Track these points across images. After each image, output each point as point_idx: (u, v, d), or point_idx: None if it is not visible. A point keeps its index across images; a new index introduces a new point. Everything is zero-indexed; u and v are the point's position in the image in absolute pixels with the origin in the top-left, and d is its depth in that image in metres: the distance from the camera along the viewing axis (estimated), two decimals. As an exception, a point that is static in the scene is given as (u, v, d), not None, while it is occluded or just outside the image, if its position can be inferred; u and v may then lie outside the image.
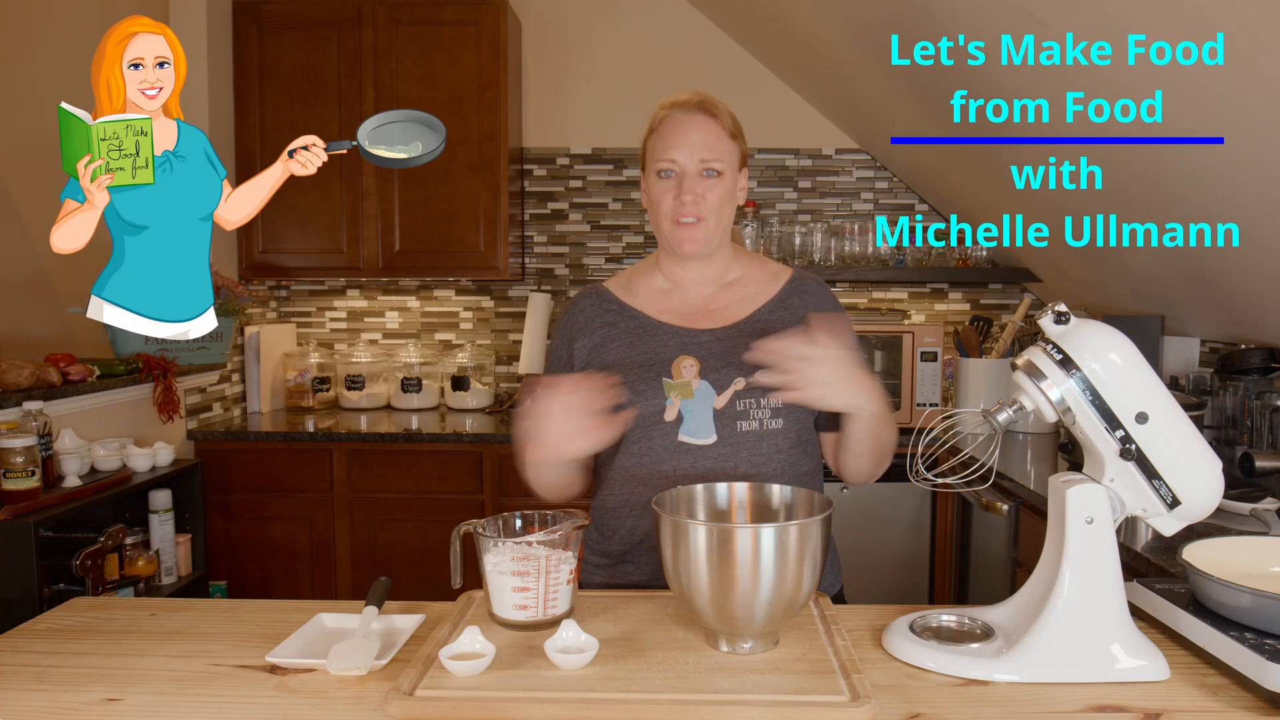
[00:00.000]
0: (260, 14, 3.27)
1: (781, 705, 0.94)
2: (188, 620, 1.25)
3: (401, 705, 0.94)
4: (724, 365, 1.39)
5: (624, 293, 1.50)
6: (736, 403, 1.37)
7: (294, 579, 3.06)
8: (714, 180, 1.40)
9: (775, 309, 1.46)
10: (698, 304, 1.47)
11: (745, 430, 1.37)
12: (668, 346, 1.42)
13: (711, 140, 1.40)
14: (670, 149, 1.40)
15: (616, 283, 1.53)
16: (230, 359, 3.29)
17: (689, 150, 1.39)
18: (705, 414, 1.37)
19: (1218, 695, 1.00)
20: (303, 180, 1.25)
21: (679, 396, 1.38)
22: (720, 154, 1.40)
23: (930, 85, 2.60)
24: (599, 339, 1.46)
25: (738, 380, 1.38)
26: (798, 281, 1.50)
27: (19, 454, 2.07)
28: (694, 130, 1.40)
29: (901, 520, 2.95)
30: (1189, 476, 1.06)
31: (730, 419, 1.37)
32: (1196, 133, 1.77)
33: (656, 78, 3.57)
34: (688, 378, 1.38)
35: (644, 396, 1.38)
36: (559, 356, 1.50)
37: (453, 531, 1.20)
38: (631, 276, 1.53)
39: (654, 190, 1.43)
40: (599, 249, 3.68)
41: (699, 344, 1.41)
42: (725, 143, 1.41)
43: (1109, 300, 2.94)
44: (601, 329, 1.46)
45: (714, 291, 1.48)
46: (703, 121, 1.40)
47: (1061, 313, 1.08)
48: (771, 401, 1.37)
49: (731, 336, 1.42)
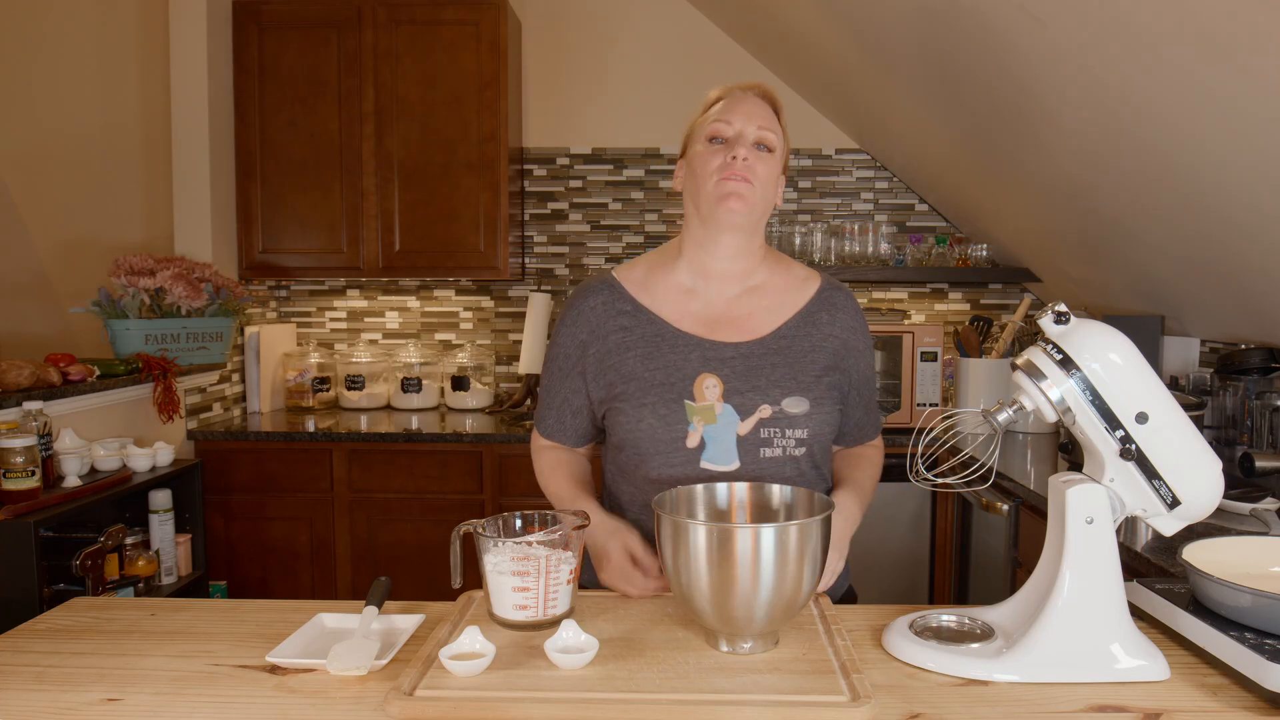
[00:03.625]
0: (260, 14, 3.27)
1: (781, 705, 0.94)
2: (188, 620, 1.25)
3: (401, 705, 0.94)
4: (748, 389, 1.34)
5: (640, 290, 1.42)
6: (760, 430, 1.33)
7: (294, 579, 3.06)
8: (765, 155, 1.35)
9: (802, 323, 1.41)
10: (720, 308, 1.40)
11: (769, 457, 1.34)
12: (689, 361, 1.35)
13: (769, 117, 1.36)
14: (729, 114, 1.34)
15: (631, 276, 1.44)
16: (230, 359, 3.29)
17: (746, 118, 1.34)
18: (728, 440, 1.33)
19: (1218, 695, 1.00)
20: (303, 180, 1.25)
21: (701, 422, 1.33)
22: (775, 131, 1.36)
23: (931, 85, 2.61)
24: (612, 344, 1.39)
25: (763, 408, 1.34)
26: (827, 294, 1.44)
27: (19, 454, 2.07)
28: (754, 105, 1.36)
29: (901, 520, 2.95)
30: (1189, 476, 1.06)
31: (754, 445, 1.33)
32: (1196, 132, 1.77)
33: (656, 78, 3.57)
34: (710, 400, 1.33)
35: (665, 421, 1.33)
36: (567, 356, 1.43)
37: (453, 531, 1.20)
38: (649, 270, 1.44)
39: (701, 156, 1.35)
40: (599, 249, 3.68)
41: (722, 359, 1.36)
42: (778, 128, 1.38)
43: (1109, 300, 2.94)
44: (616, 333, 1.39)
45: (738, 294, 1.41)
46: (760, 103, 1.37)
47: (1061, 313, 1.08)
48: (797, 432, 1.34)
49: (756, 354, 1.37)
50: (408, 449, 3.02)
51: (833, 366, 1.41)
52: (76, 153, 3.58)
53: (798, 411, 1.35)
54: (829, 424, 1.39)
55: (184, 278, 2.84)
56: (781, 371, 1.36)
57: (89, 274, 3.46)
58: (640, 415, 1.34)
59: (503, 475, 3.01)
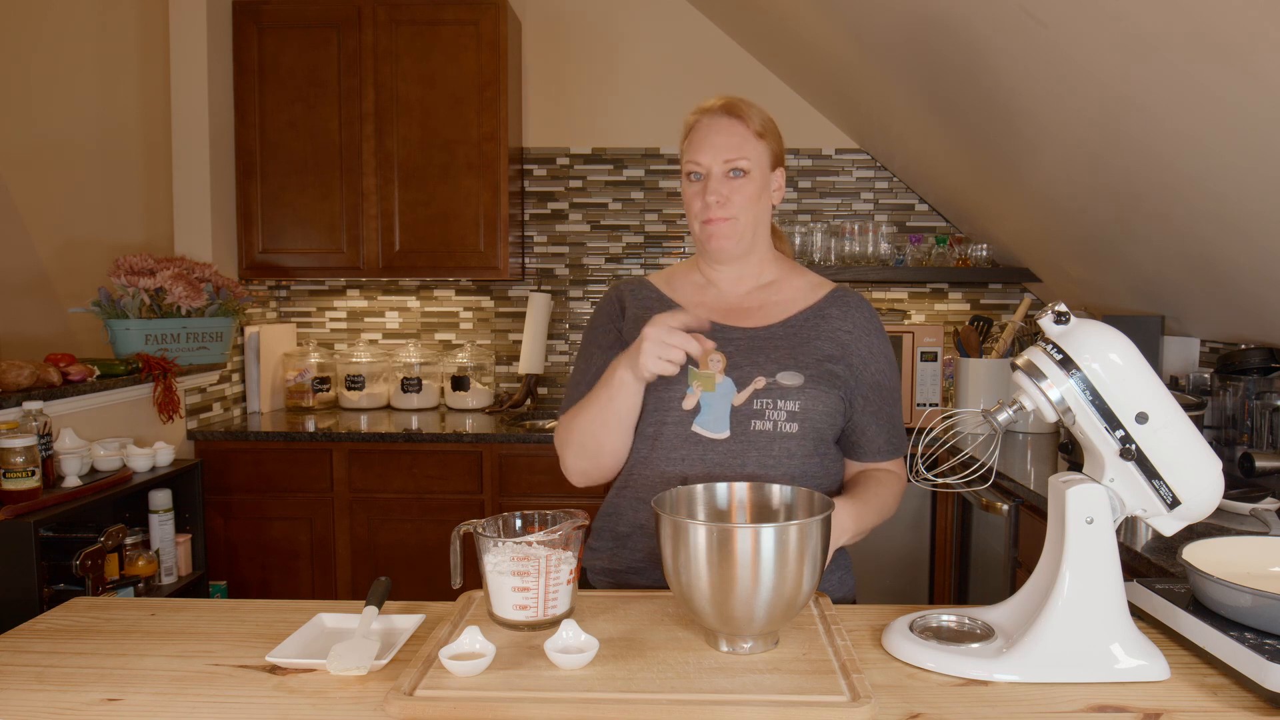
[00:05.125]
0: (260, 14, 3.27)
1: (781, 705, 0.94)
2: (188, 620, 1.25)
3: (401, 705, 0.94)
4: (748, 364, 1.40)
5: (665, 286, 1.54)
6: (754, 402, 1.39)
7: (294, 579, 3.06)
8: (740, 180, 1.41)
9: (813, 316, 1.47)
10: (733, 301, 1.49)
11: (758, 430, 1.38)
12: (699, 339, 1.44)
13: (736, 141, 1.41)
14: (696, 153, 1.43)
15: (659, 277, 1.57)
16: (230, 359, 3.30)
17: (713, 153, 1.41)
18: (723, 408, 1.39)
19: (1218, 695, 1.00)
20: (303, 180, 1.25)
21: (700, 387, 1.39)
22: (746, 153, 1.41)
23: (931, 84, 2.61)
24: (632, 317, 1.50)
25: (758, 379, 1.39)
26: (839, 294, 1.51)
27: (19, 454, 2.07)
28: (718, 133, 1.42)
29: (901, 520, 2.95)
30: (1189, 476, 1.06)
31: (745, 417, 1.38)
32: (1196, 132, 1.77)
33: (657, 77, 3.57)
34: (713, 370, 1.40)
35: (666, 381, 1.39)
36: (603, 327, 1.52)
37: (453, 531, 1.21)
38: (672, 273, 1.57)
39: (685, 194, 1.47)
40: (599, 249, 3.68)
41: (730, 339, 1.43)
42: (751, 143, 1.42)
43: (1109, 300, 2.94)
44: (640, 310, 1.50)
45: (750, 290, 1.50)
46: (728, 124, 1.42)
47: (1061, 313, 1.08)
48: (789, 405, 1.38)
49: (763, 337, 1.44)
50: (408, 449, 3.02)
51: (837, 357, 1.43)
52: (76, 153, 3.58)
53: (791, 384, 1.39)
54: (825, 405, 1.40)
55: (184, 278, 2.84)
56: (783, 353, 1.42)
57: (89, 274, 3.46)
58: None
59: (503, 475, 3.01)
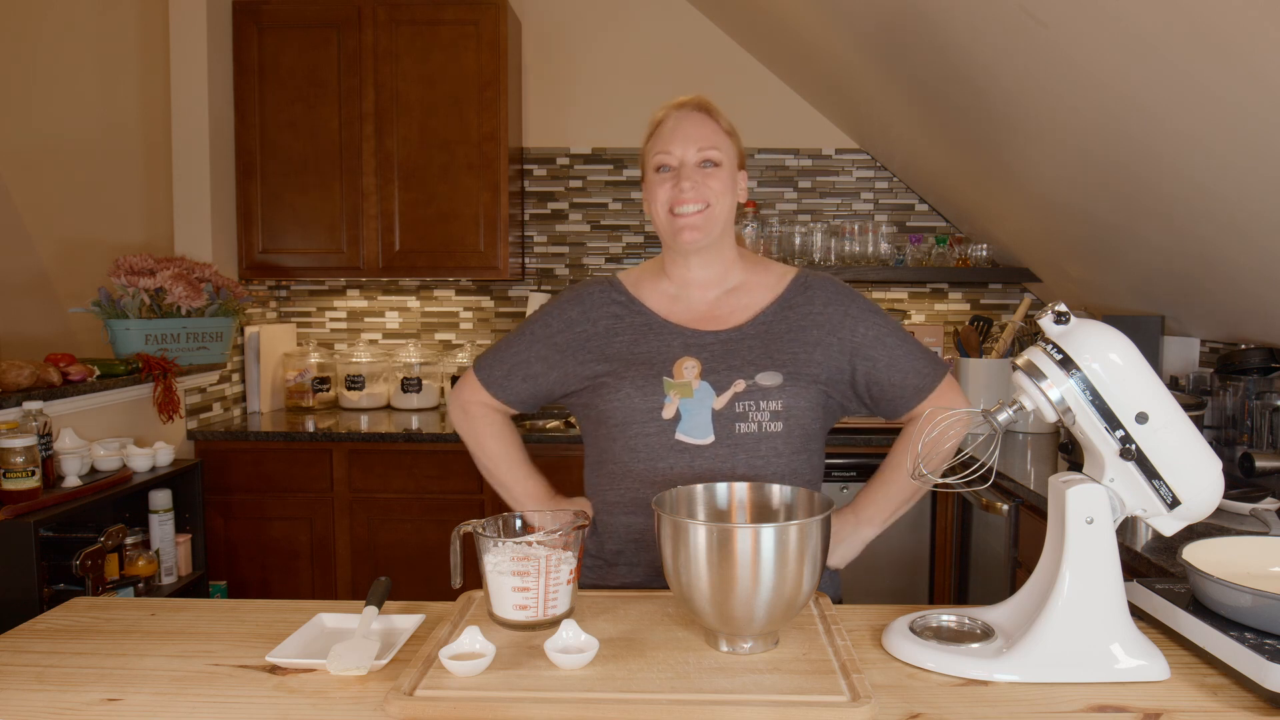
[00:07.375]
0: (260, 14, 3.27)
1: (781, 705, 0.94)
2: (188, 620, 1.25)
3: (401, 705, 0.94)
4: (725, 367, 1.39)
5: (634, 289, 1.51)
6: (736, 405, 1.38)
7: (294, 579, 3.06)
8: (713, 170, 1.41)
9: (780, 310, 1.46)
10: (703, 309, 1.47)
11: (744, 432, 1.37)
12: (671, 347, 1.42)
13: (708, 133, 1.42)
14: (668, 144, 1.42)
15: (628, 278, 1.54)
16: (230, 359, 3.29)
17: (686, 143, 1.41)
18: (703, 414, 1.38)
19: (1218, 695, 1.00)
20: (303, 180, 1.25)
21: (678, 395, 1.38)
22: (718, 145, 1.42)
23: (931, 84, 2.61)
24: (602, 328, 1.47)
25: (738, 382, 1.38)
26: (802, 280, 1.49)
27: (19, 454, 2.07)
28: (692, 125, 1.42)
29: (901, 520, 2.93)
30: (1189, 476, 1.06)
31: (729, 420, 1.38)
32: (1196, 132, 1.77)
33: (656, 78, 3.57)
34: (689, 378, 1.39)
35: (643, 392, 1.39)
36: (548, 326, 1.49)
37: (453, 531, 1.21)
38: (642, 275, 1.54)
39: (650, 186, 1.44)
40: (599, 249, 3.68)
41: (703, 345, 1.42)
42: (722, 136, 1.43)
43: (1109, 300, 2.94)
44: (607, 319, 1.47)
45: (719, 296, 1.48)
46: (700, 118, 1.43)
47: (1061, 313, 1.08)
48: (771, 404, 1.38)
49: (735, 339, 1.43)
50: (408, 449, 3.02)
51: (817, 340, 1.42)
52: (76, 153, 3.58)
53: (771, 384, 1.39)
54: (806, 400, 1.40)
55: (184, 278, 2.84)
56: (757, 352, 1.41)
57: (89, 274, 3.46)
58: (620, 386, 1.41)
59: (503, 475, 3.00)
